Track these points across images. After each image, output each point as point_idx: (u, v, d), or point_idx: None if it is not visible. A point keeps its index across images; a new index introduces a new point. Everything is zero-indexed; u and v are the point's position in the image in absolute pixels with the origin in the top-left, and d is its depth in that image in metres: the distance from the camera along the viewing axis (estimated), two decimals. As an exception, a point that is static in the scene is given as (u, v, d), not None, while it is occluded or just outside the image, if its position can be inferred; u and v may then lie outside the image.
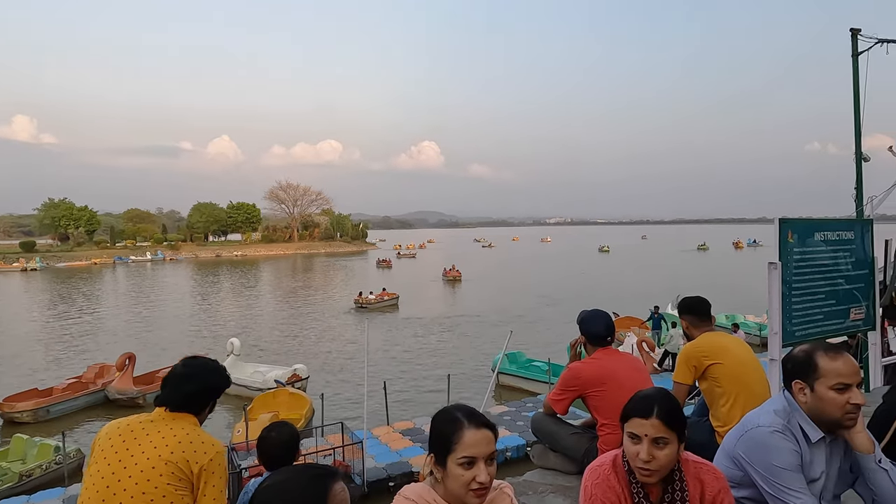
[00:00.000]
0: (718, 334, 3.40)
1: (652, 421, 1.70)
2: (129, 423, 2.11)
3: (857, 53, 6.52)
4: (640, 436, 1.71)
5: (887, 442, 2.32)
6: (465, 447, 1.56)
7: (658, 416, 1.70)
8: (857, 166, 6.70)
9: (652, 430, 1.70)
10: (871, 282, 5.83)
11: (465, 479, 1.55)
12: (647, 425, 1.71)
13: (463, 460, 1.55)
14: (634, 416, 1.75)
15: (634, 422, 1.74)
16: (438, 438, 1.60)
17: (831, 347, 1.89)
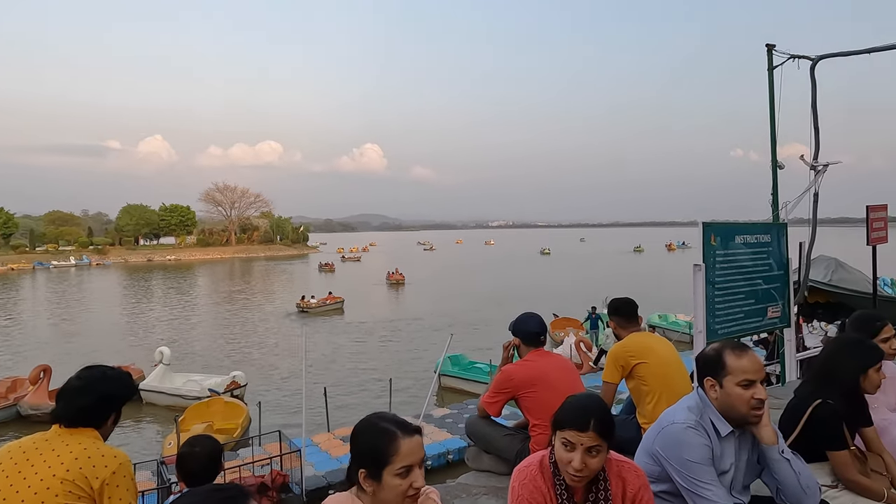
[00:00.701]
0: (644, 335, 3.53)
1: (589, 434, 1.74)
2: (21, 445, 1.97)
3: (773, 67, 6.93)
4: (574, 444, 1.75)
5: (798, 433, 2.47)
6: (403, 457, 1.56)
7: (594, 429, 1.74)
8: (773, 173, 7.11)
9: (587, 441, 1.74)
10: (786, 282, 6.19)
11: (402, 487, 1.56)
12: (583, 437, 1.74)
13: (401, 470, 1.56)
14: (570, 428, 1.76)
15: (570, 433, 1.76)
16: (371, 453, 1.58)
17: (738, 346, 2.00)
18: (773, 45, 6.93)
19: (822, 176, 6.84)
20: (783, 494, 2.01)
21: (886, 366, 2.83)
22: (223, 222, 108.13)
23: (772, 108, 7.00)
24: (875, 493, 2.33)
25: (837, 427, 2.34)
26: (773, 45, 6.93)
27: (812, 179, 6.95)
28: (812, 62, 6.70)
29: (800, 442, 2.45)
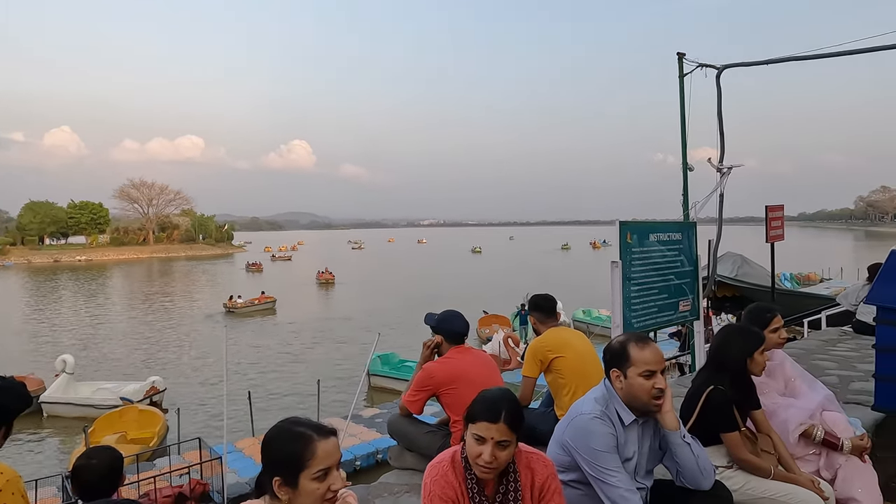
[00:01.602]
0: (562, 329, 3.65)
1: (499, 426, 1.77)
2: None
3: (683, 75, 7.34)
4: (485, 438, 1.77)
5: (695, 419, 2.63)
6: (320, 460, 1.54)
7: (505, 420, 1.78)
8: (684, 175, 7.54)
9: (497, 434, 1.77)
10: (696, 277, 6.57)
11: (321, 491, 1.53)
12: (493, 429, 1.77)
13: (318, 474, 1.53)
14: (482, 420, 1.80)
15: (481, 425, 1.79)
16: (286, 459, 1.54)
17: (641, 338, 2.10)
18: (684, 54, 7.34)
19: (726, 178, 7.31)
20: (683, 477, 2.14)
21: (775, 353, 3.07)
22: (140, 221, 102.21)
23: (682, 113, 7.42)
24: (763, 471, 2.53)
25: (729, 411, 2.52)
26: (683, 54, 7.33)
27: (718, 181, 7.42)
28: (718, 71, 7.15)
29: (697, 426, 2.61)
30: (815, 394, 3.03)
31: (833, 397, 3.07)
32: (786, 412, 2.87)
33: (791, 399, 2.97)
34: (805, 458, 2.83)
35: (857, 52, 6.44)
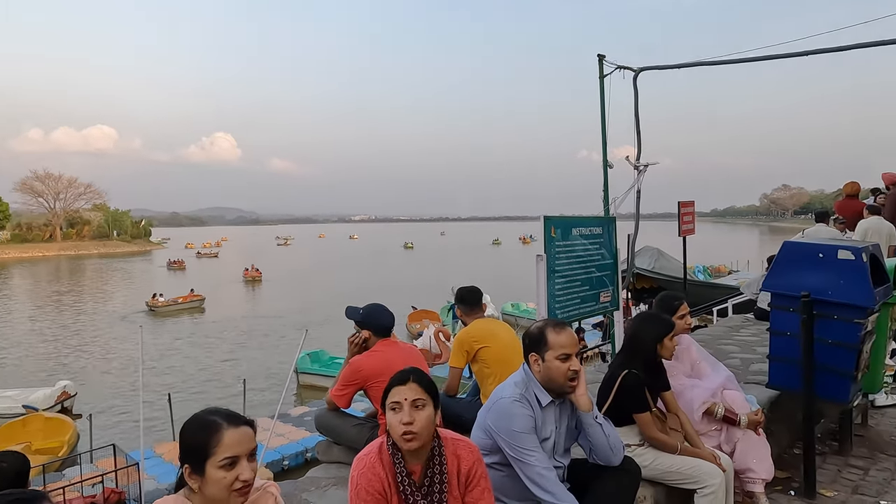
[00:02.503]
0: (488, 321, 3.74)
1: (409, 385, 1.85)
2: None
3: (603, 76, 7.65)
4: (399, 402, 1.83)
5: (611, 401, 2.79)
6: (227, 448, 1.52)
7: (414, 380, 1.86)
8: (604, 172, 7.87)
9: (410, 394, 1.83)
10: (615, 270, 6.88)
11: (227, 480, 1.52)
12: (404, 390, 1.84)
13: (225, 461, 1.52)
14: (394, 386, 1.87)
15: (394, 391, 1.86)
16: (193, 446, 1.54)
17: (558, 324, 2.21)
18: (604, 56, 7.64)
19: (643, 175, 7.69)
20: (595, 454, 2.27)
21: (682, 338, 3.29)
22: (45, 216, 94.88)
23: (602, 112, 7.73)
24: (671, 447, 2.72)
25: (641, 393, 2.70)
26: (603, 56, 7.64)
27: (636, 178, 7.80)
28: (635, 73, 7.51)
29: (613, 408, 2.77)
30: (717, 375, 3.27)
31: (733, 377, 3.33)
32: (691, 392, 3.09)
33: (696, 380, 3.20)
34: (708, 433, 3.07)
35: (759, 60, 6.95)
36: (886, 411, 4.72)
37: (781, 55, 6.72)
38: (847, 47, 6.18)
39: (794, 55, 6.42)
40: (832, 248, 3.48)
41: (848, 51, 6.34)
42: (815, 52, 6.30)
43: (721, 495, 2.68)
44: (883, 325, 3.90)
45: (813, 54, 6.31)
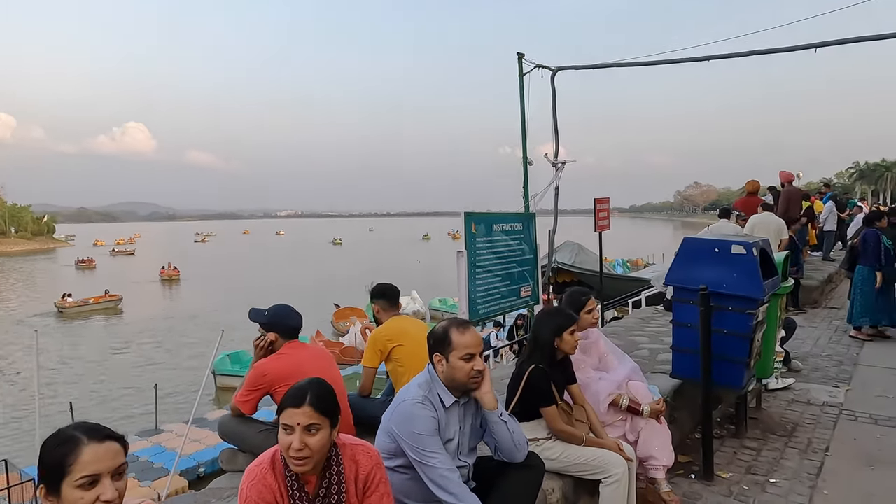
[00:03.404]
0: (402, 319, 3.69)
1: (303, 409, 1.73)
2: None
3: (522, 74, 7.78)
4: (292, 426, 1.73)
5: (519, 396, 2.82)
6: (85, 465, 1.38)
7: (310, 403, 1.74)
8: (524, 169, 8.02)
9: (304, 419, 1.72)
10: (535, 265, 7.02)
11: (85, 501, 1.37)
12: (298, 414, 1.73)
13: (83, 481, 1.37)
14: (286, 408, 1.75)
15: (287, 413, 1.75)
16: (49, 464, 1.39)
17: (462, 323, 2.19)
18: (523, 54, 7.77)
19: (561, 172, 7.91)
20: (500, 451, 2.27)
21: (591, 332, 3.37)
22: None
23: (522, 110, 7.87)
24: (577, 439, 2.78)
25: (547, 388, 2.73)
26: (522, 54, 7.77)
27: (554, 175, 8.00)
28: (552, 72, 7.69)
29: (521, 403, 2.80)
30: (623, 367, 3.38)
31: (638, 369, 3.45)
32: (597, 385, 3.17)
33: (603, 372, 3.29)
34: (613, 424, 3.16)
35: (664, 63, 7.29)
36: (777, 394, 5.07)
37: (686, 59, 7.10)
38: (741, 54, 6.60)
39: (694, 60, 6.79)
40: (727, 243, 3.68)
41: (752, 57, 6.77)
42: (715, 58, 6.68)
43: (625, 483, 2.76)
44: (773, 315, 4.17)
45: (714, 59, 6.68)
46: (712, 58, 6.64)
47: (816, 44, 6.37)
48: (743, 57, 6.81)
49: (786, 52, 6.67)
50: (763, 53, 6.67)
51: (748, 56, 6.76)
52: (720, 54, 6.67)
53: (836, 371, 5.80)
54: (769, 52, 6.74)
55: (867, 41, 6.51)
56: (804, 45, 6.45)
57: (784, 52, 6.73)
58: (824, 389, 5.21)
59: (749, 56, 6.74)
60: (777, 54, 6.81)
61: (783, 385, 5.21)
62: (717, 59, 6.64)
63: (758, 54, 6.65)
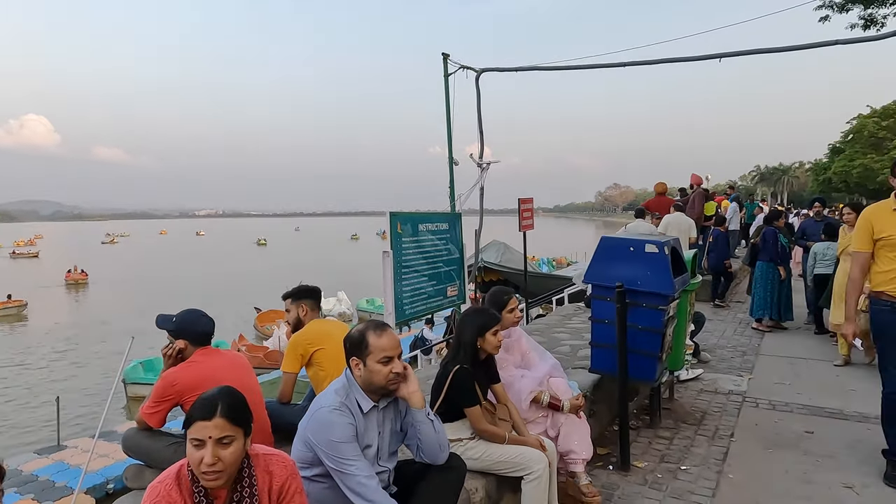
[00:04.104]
0: (323, 321, 3.58)
1: (215, 421, 1.64)
2: None
3: (448, 74, 7.81)
4: (203, 440, 1.63)
5: (443, 397, 2.80)
6: None
7: (222, 414, 1.64)
8: (450, 169, 8.05)
9: (216, 432, 1.63)
10: (462, 264, 7.06)
11: None
12: (210, 427, 1.63)
13: None
14: (196, 420, 1.65)
15: (197, 426, 1.64)
16: None
17: (379, 325, 2.14)
18: (448, 55, 7.80)
19: (486, 172, 7.99)
20: (422, 452, 2.24)
21: (513, 331, 3.42)
22: None
23: (448, 110, 7.90)
24: (499, 438, 2.80)
25: (471, 388, 2.74)
26: (447, 55, 7.80)
27: (479, 175, 8.08)
28: (477, 73, 7.76)
29: (445, 403, 2.79)
30: (544, 364, 3.45)
31: (558, 365, 3.53)
32: (520, 382, 3.21)
33: (525, 370, 3.34)
34: (535, 420, 3.21)
35: (584, 68, 7.53)
36: (688, 385, 5.36)
37: (603, 65, 7.36)
38: (655, 61, 6.93)
39: (611, 66, 7.06)
40: (641, 242, 3.83)
41: (661, 64, 7.11)
42: (630, 65, 6.98)
43: (545, 479, 2.81)
44: (683, 310, 4.39)
45: (629, 66, 6.98)
46: (628, 64, 6.94)
47: (720, 54, 6.78)
48: (655, 64, 7.17)
49: (696, 61, 7.07)
50: (673, 62, 7.04)
51: (661, 63, 7.12)
52: (634, 61, 6.98)
53: (740, 361, 6.21)
54: (679, 61, 7.12)
55: (763, 53, 7.02)
56: (710, 55, 6.85)
57: (693, 61, 7.13)
58: (730, 379, 5.56)
59: (661, 63, 7.10)
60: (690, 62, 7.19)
61: (693, 376, 5.52)
62: (632, 65, 6.95)
63: (670, 62, 7.01)
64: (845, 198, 42.40)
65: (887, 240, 3.41)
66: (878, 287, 3.49)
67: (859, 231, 3.56)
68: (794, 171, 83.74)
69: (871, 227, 3.47)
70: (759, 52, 7.03)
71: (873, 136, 43.46)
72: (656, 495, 3.35)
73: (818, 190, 48.24)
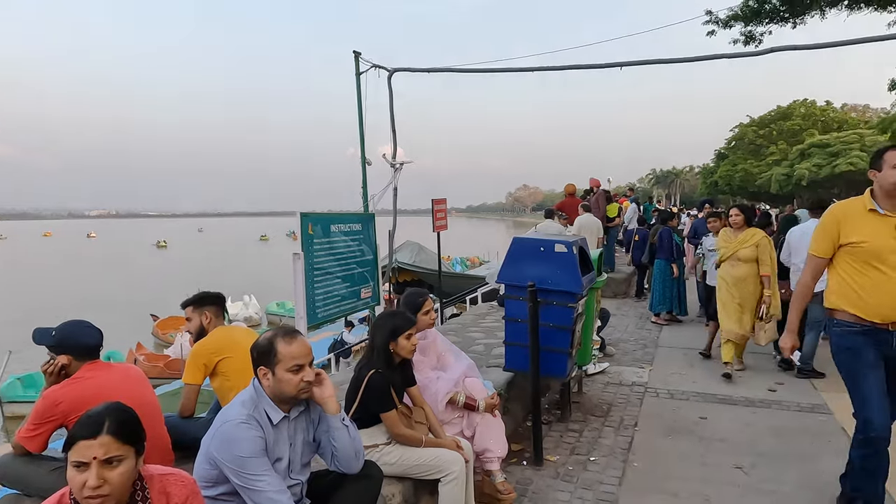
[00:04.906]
0: (228, 328, 3.39)
1: (101, 439, 1.49)
2: None
3: (359, 73, 7.68)
4: (86, 461, 1.48)
5: (358, 402, 2.73)
6: None
7: (108, 431, 1.50)
8: (363, 169, 7.93)
9: (101, 451, 1.49)
10: (376, 265, 6.97)
11: None
12: (94, 446, 1.48)
13: None
14: (79, 440, 1.50)
15: (79, 446, 1.49)
16: None
17: (289, 332, 2.05)
18: (360, 53, 7.67)
19: (399, 173, 7.94)
20: (337, 461, 2.16)
21: (428, 332, 3.40)
22: None
23: (360, 109, 7.75)
24: (416, 441, 2.77)
25: (386, 392, 2.69)
26: (359, 53, 7.66)
27: (392, 175, 8.02)
28: (389, 73, 7.70)
29: (360, 409, 2.72)
30: (459, 364, 3.46)
31: (473, 365, 3.56)
32: (435, 385, 3.20)
33: (440, 372, 3.34)
34: (451, 421, 3.22)
35: (500, 71, 7.68)
36: (595, 378, 5.60)
37: (514, 69, 7.55)
38: (560, 67, 7.21)
39: (523, 70, 7.26)
40: (551, 242, 3.95)
41: (577, 70, 7.39)
42: (540, 69, 7.21)
43: (462, 479, 2.81)
44: (590, 307, 4.58)
45: (539, 70, 7.20)
46: (535, 69, 7.16)
47: (622, 63, 7.16)
48: (561, 70, 7.44)
49: (598, 69, 7.42)
50: (577, 69, 7.35)
51: (568, 70, 7.40)
52: (542, 66, 7.22)
53: (642, 354, 6.58)
54: (583, 68, 7.43)
55: (660, 63, 7.50)
56: (611, 64, 7.21)
57: (596, 69, 7.47)
58: (633, 371, 5.87)
59: (569, 70, 7.39)
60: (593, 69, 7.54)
61: (600, 369, 5.77)
62: (538, 70, 7.18)
63: (574, 69, 7.31)
64: (730, 200, 46.38)
65: (856, 246, 2.76)
66: (837, 305, 2.87)
67: (823, 232, 2.91)
68: (685, 175, 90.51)
69: (838, 229, 2.84)
70: (656, 62, 7.48)
71: (752, 144, 47.93)
72: (568, 487, 3.47)
73: (706, 192, 52.28)
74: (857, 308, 2.77)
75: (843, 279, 2.84)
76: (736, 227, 5.69)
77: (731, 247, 5.60)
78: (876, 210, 2.76)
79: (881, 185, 2.74)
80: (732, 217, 5.74)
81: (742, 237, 5.58)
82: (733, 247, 5.58)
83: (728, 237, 5.73)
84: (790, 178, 38.76)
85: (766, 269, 5.46)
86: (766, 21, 10.24)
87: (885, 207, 2.74)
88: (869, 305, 2.75)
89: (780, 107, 48.07)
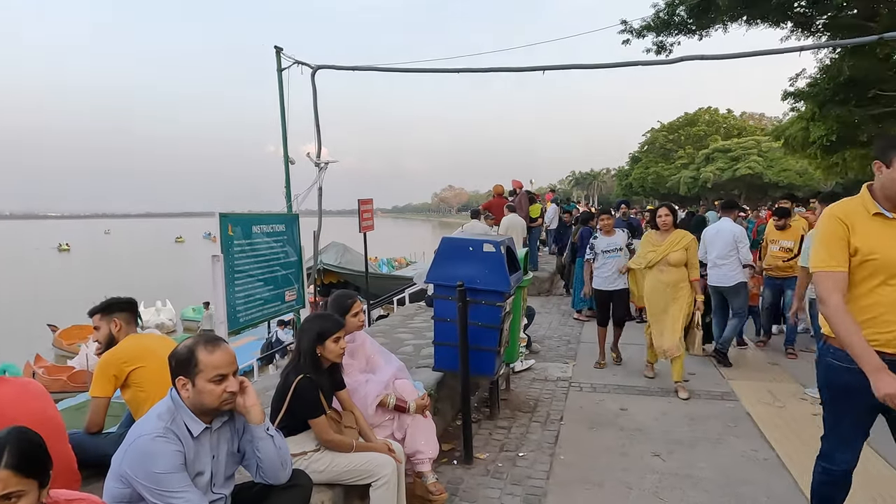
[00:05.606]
0: (143, 336, 3.18)
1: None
2: None
3: (282, 69, 7.44)
4: None
5: (286, 409, 2.64)
6: None
7: (7, 466, 1.35)
8: (286, 168, 7.69)
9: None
10: (300, 267, 6.78)
11: None
12: None
13: None
14: None
15: None
16: None
17: (211, 340, 1.94)
18: (281, 48, 7.44)
19: (324, 172, 7.76)
20: (262, 472, 2.07)
21: (357, 335, 3.34)
22: None
23: (282, 106, 7.51)
24: (346, 446, 2.71)
25: (314, 397, 2.61)
26: (280, 48, 7.43)
27: (317, 175, 7.83)
28: (312, 70, 7.51)
29: (288, 417, 2.62)
30: (389, 366, 3.42)
31: (403, 367, 3.53)
32: (365, 388, 3.15)
33: (370, 374, 3.28)
34: (382, 424, 3.17)
35: (425, 71, 7.68)
36: (522, 375, 5.71)
37: (439, 70, 7.58)
38: (485, 69, 7.32)
39: (447, 71, 7.31)
40: (479, 242, 3.99)
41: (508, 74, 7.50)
42: (463, 71, 7.28)
43: (394, 482, 2.78)
44: (517, 305, 4.67)
45: (462, 72, 7.27)
46: (462, 70, 7.22)
47: (545, 67, 7.35)
48: (485, 73, 7.55)
49: (523, 72, 7.59)
50: (502, 71, 7.47)
51: (489, 72, 7.53)
52: (468, 67, 7.30)
53: (566, 349, 6.79)
54: (508, 71, 7.58)
55: (580, 68, 7.77)
56: (535, 67, 7.40)
57: (521, 72, 7.64)
58: (557, 366, 6.04)
59: (492, 72, 7.51)
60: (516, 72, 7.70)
61: (527, 366, 5.90)
62: (464, 72, 7.25)
63: (499, 72, 7.43)
64: (643, 201, 48.93)
65: (865, 260, 2.20)
66: None
67: (831, 238, 2.25)
68: (602, 177, 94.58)
69: (848, 235, 2.22)
70: (575, 67, 7.74)
71: (663, 148, 50.89)
72: (498, 484, 3.51)
73: (622, 193, 54.88)
74: (867, 335, 2.17)
75: (848, 300, 2.23)
76: (664, 229, 5.19)
77: (659, 251, 5.13)
78: (882, 214, 2.21)
79: (885, 184, 2.21)
80: (661, 217, 5.20)
81: (671, 239, 5.15)
82: (662, 250, 5.11)
83: (654, 240, 5.24)
84: (697, 180, 41.54)
85: (695, 272, 5.14)
86: (676, 32, 10.87)
87: (890, 210, 2.21)
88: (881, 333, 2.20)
89: (688, 113, 51.40)
